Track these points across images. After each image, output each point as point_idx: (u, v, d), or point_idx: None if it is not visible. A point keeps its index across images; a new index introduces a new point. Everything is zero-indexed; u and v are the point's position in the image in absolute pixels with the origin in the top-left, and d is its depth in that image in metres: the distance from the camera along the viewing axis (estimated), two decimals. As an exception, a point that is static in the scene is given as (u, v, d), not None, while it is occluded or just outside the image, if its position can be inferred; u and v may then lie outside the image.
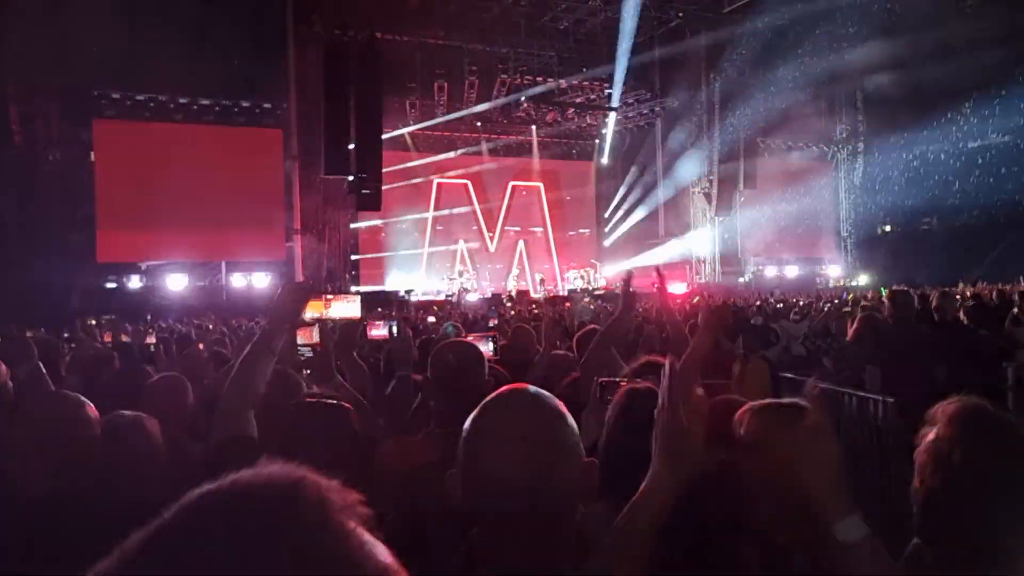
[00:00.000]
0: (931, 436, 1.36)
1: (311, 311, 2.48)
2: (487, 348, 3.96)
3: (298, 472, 0.52)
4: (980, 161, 27.93)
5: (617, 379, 2.34)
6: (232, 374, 2.14)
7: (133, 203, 21.38)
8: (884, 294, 11.25)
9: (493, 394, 1.16)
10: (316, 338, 3.44)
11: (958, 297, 8.82)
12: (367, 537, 0.50)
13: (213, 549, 0.46)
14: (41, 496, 1.84)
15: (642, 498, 1.24)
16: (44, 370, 3.90)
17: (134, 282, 21.24)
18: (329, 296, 2.86)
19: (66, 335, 9.73)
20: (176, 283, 21.56)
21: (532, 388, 1.19)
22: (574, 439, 1.13)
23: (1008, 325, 7.02)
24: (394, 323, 6.36)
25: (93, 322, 14.55)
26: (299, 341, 3.58)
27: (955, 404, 1.37)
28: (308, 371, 3.28)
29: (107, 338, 8.18)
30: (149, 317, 18.12)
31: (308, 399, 1.99)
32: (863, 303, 12.00)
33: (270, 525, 0.47)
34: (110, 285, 20.76)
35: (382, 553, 0.51)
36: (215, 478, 0.52)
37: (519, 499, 1.04)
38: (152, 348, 6.77)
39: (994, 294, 11.65)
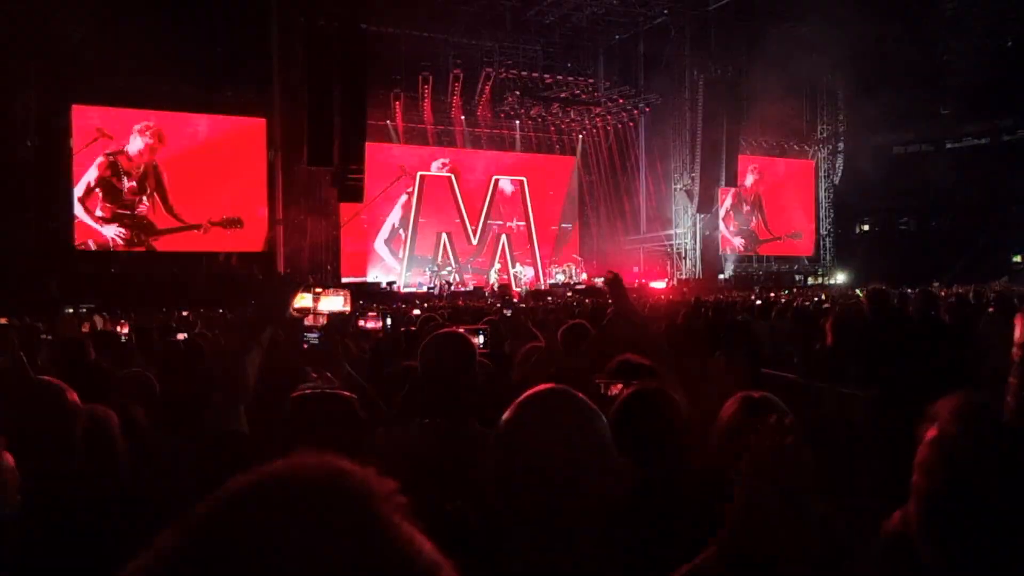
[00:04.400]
0: (935, 433, 1.33)
1: (299, 303, 2.45)
2: (478, 340, 3.94)
3: (337, 462, 0.48)
4: (957, 162, 28.31)
5: (612, 380, 2.36)
6: (221, 369, 2.13)
7: (112, 190, 21.14)
8: (861, 295, 11.37)
9: (529, 392, 1.16)
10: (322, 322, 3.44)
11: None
12: (414, 530, 0.48)
13: (260, 547, 0.42)
14: (28, 486, 1.82)
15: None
16: (25, 360, 3.84)
17: (114, 271, 20.94)
18: (318, 290, 2.81)
19: (41, 324, 9.60)
20: (157, 272, 21.27)
21: (566, 388, 1.19)
22: (608, 438, 1.14)
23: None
24: (388, 316, 6.33)
25: (71, 311, 14.42)
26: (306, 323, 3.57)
27: (956, 400, 1.34)
28: (313, 356, 3.28)
29: (86, 328, 8.10)
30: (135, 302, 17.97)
31: (307, 390, 1.99)
32: (840, 303, 12.14)
33: (316, 521, 0.44)
34: (89, 274, 20.45)
35: (429, 548, 0.48)
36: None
37: (554, 495, 1.05)
38: (123, 339, 6.70)
39: (971, 294, 11.83)
